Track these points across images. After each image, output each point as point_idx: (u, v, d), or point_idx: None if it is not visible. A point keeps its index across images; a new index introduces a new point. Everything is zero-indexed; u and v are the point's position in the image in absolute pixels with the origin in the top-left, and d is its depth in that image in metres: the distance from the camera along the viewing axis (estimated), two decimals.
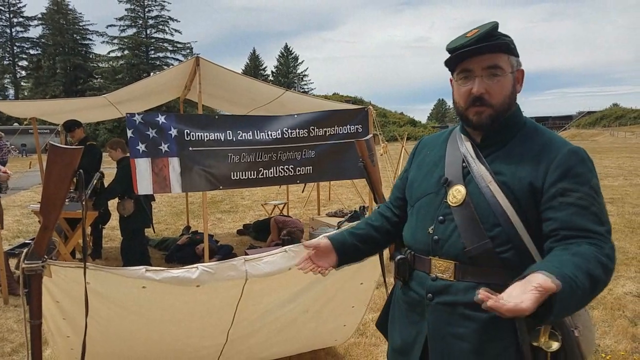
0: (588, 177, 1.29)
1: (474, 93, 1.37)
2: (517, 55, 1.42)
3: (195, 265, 2.20)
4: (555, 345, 1.26)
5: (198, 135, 4.82)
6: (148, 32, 58.97)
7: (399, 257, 1.55)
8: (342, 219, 7.44)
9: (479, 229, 1.34)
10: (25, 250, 1.82)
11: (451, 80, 1.48)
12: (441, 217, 1.43)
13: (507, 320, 1.25)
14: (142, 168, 4.64)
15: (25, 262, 1.80)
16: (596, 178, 1.31)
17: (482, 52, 1.36)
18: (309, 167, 5.33)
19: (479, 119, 1.40)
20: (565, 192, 1.27)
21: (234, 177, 4.99)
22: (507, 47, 1.37)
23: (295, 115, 5.32)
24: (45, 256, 1.86)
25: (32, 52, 58.88)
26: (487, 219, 1.34)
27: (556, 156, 1.31)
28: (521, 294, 1.00)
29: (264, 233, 7.40)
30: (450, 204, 1.41)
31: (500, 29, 1.41)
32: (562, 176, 1.29)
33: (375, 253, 1.81)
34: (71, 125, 6.15)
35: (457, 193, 1.41)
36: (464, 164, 1.44)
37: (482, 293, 1.04)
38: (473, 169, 1.40)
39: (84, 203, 1.84)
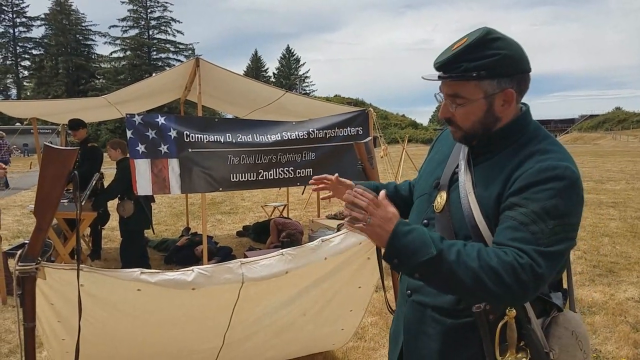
0: (545, 196, 1.17)
1: (439, 117, 1.38)
2: (502, 76, 1.26)
3: (191, 267, 2.18)
4: None
5: (198, 137, 4.80)
6: (150, 33, 59.16)
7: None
8: (343, 221, 7.40)
9: (452, 239, 1.31)
10: (19, 252, 1.81)
11: None
12: (425, 221, 1.43)
13: (473, 330, 1.29)
14: (142, 169, 4.63)
15: (19, 264, 1.78)
16: (560, 199, 1.17)
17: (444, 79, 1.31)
18: (309, 169, 5.31)
19: (454, 137, 1.40)
20: (513, 207, 1.21)
21: (233, 178, 4.98)
22: (470, 76, 1.25)
23: (294, 123, 5.31)
24: (40, 258, 1.84)
25: (34, 52, 59.10)
26: (461, 230, 1.32)
27: (525, 171, 1.23)
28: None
29: (264, 235, 7.38)
30: (435, 209, 1.41)
31: (504, 31, 1.31)
32: (518, 191, 1.21)
33: None
34: (75, 125, 6.14)
35: (440, 199, 1.40)
36: (456, 170, 1.41)
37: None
38: (460, 176, 1.37)
39: (78, 205, 1.82)
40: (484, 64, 1.24)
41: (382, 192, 1.28)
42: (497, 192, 1.26)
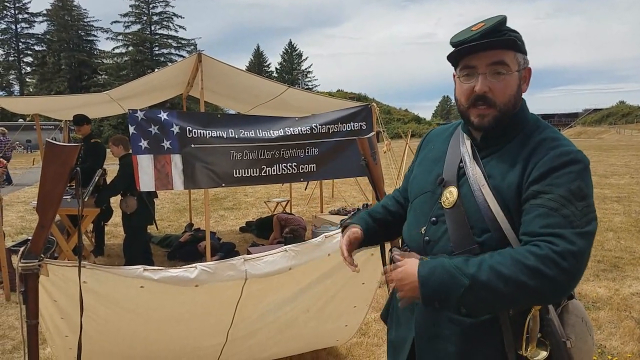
0: (567, 180, 1.20)
1: (477, 91, 1.31)
2: (524, 52, 1.34)
3: (193, 264, 2.17)
4: (542, 355, 1.24)
5: (200, 133, 4.78)
6: (152, 28, 59.12)
7: (394, 253, 1.53)
8: (345, 217, 7.41)
9: (468, 233, 1.30)
10: (21, 249, 1.80)
11: (454, 76, 1.42)
12: (434, 218, 1.40)
13: (492, 326, 1.28)
14: (144, 164, 4.62)
15: (22, 261, 1.77)
16: (581, 181, 1.21)
17: (487, 48, 1.29)
18: (312, 165, 5.29)
19: (480, 122, 1.34)
20: (538, 195, 1.21)
21: (236, 174, 4.96)
22: (513, 43, 1.29)
23: (297, 118, 5.29)
24: (43, 255, 1.83)
25: (37, 48, 59.20)
26: (477, 223, 1.29)
27: (541, 158, 1.24)
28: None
29: (267, 231, 7.38)
30: (443, 205, 1.38)
31: (507, 25, 1.35)
32: (539, 178, 1.22)
33: (388, 239, 1.79)
34: (80, 120, 6.15)
35: (449, 195, 1.37)
36: (460, 164, 1.39)
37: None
38: (468, 170, 1.35)
39: (80, 202, 1.81)
40: (518, 36, 1.32)
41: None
42: (516, 182, 1.26)
